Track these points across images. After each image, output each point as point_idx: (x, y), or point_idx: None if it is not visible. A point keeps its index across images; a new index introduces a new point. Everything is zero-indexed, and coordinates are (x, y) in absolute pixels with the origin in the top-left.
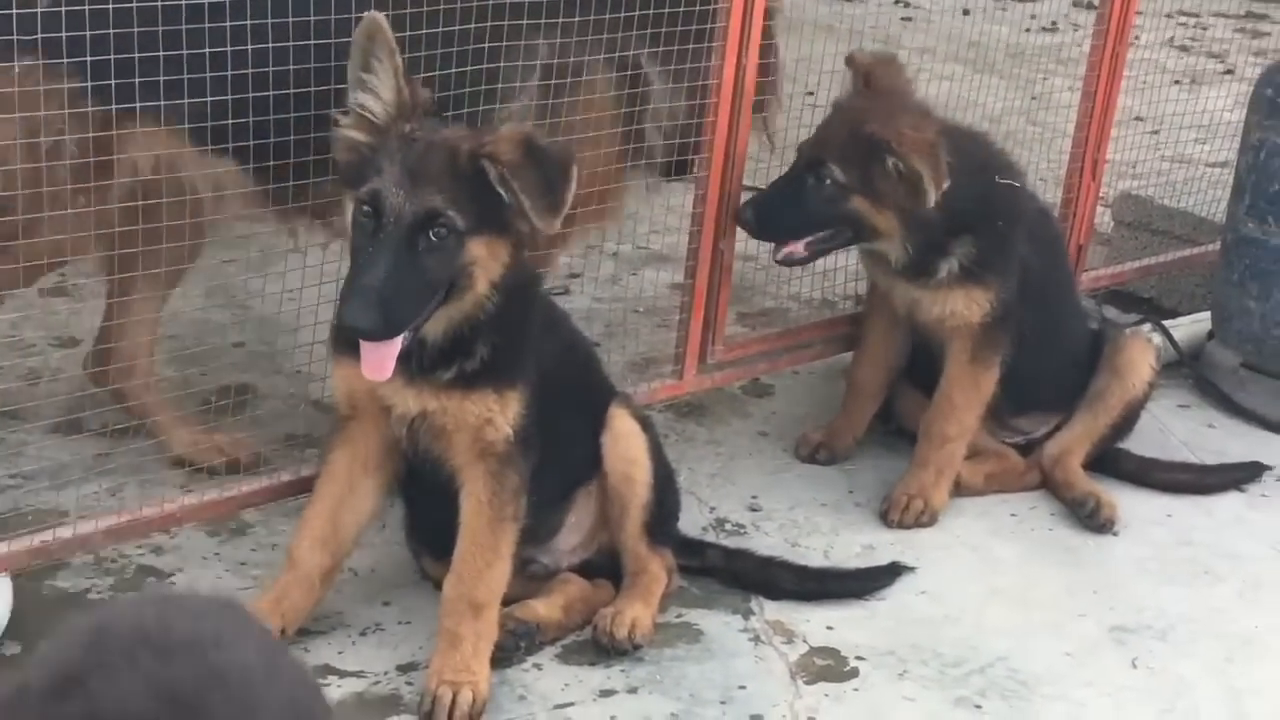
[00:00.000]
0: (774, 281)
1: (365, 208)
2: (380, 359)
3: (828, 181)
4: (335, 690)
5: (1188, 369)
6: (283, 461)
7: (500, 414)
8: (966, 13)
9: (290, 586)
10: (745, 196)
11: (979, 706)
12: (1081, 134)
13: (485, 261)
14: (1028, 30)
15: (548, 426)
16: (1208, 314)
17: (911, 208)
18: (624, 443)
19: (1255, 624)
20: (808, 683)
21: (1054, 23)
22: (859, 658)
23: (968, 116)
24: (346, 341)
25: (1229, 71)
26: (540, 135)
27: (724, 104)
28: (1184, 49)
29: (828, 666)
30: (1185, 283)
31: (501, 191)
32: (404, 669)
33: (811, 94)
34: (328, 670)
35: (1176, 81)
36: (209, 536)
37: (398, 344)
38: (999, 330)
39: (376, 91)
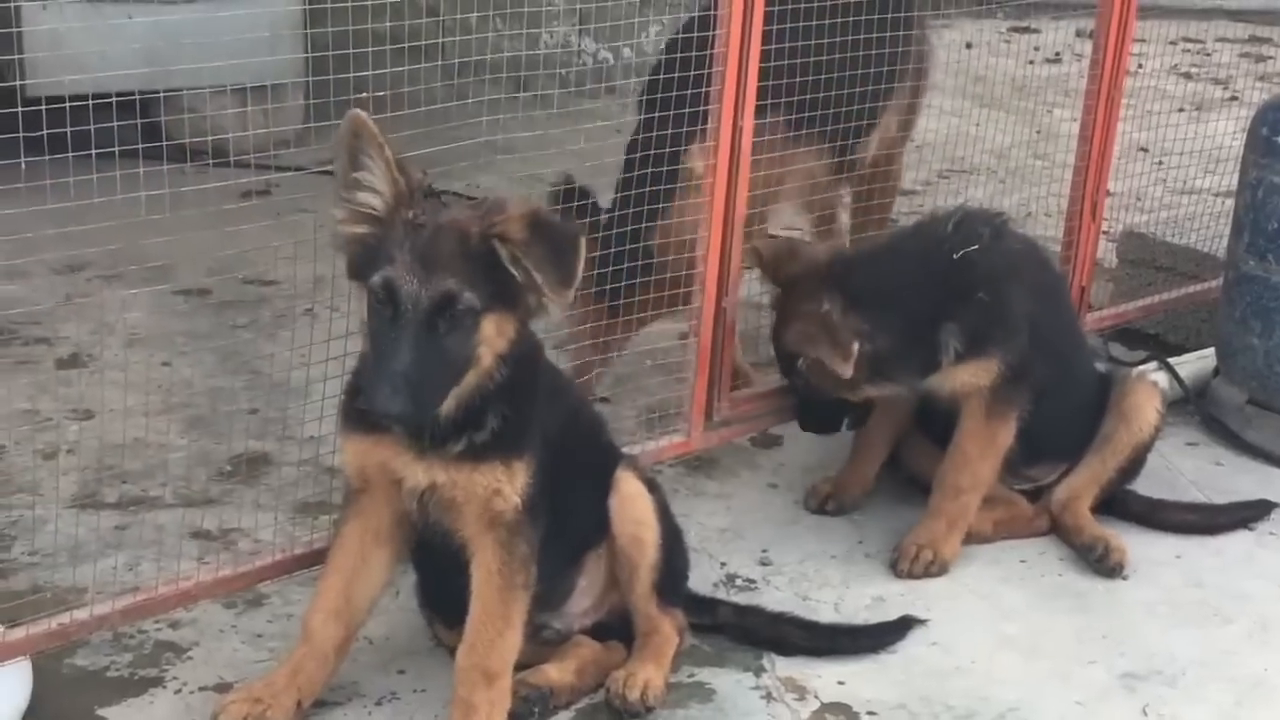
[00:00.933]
0: None
1: (380, 295)
2: None
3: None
4: None
5: (1194, 406)
6: (297, 531)
7: (508, 484)
8: (969, 46)
9: (305, 659)
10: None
11: None
12: (1080, 175)
13: (492, 338)
14: (1031, 62)
15: (556, 492)
16: (1212, 351)
17: (845, 375)
18: (631, 505)
19: (1264, 665)
20: None
21: (1058, 53)
22: (870, 713)
23: (973, 151)
24: (357, 417)
25: (1234, 98)
26: (546, 211)
27: (721, 161)
28: (1187, 76)
29: None
30: (1191, 319)
31: (514, 271)
32: None
33: None
34: None
35: (1180, 109)
36: (225, 609)
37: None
38: (1014, 388)
39: (372, 186)
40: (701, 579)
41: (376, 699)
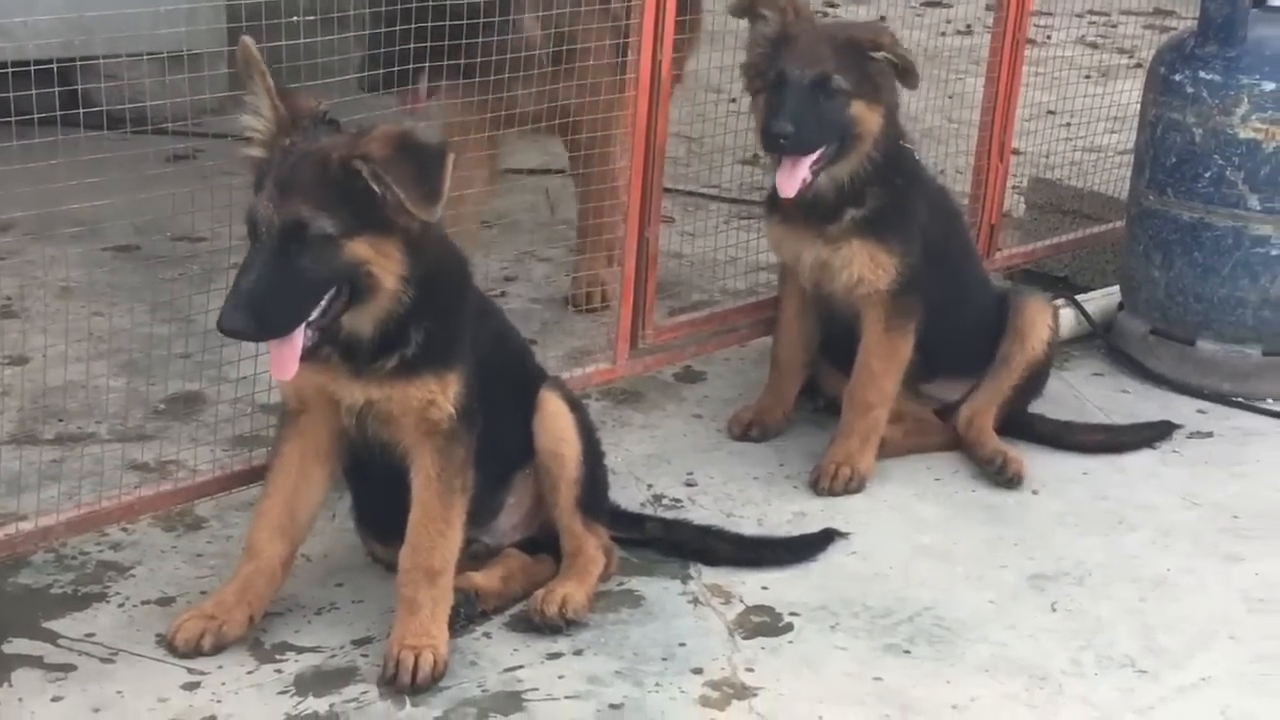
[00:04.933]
0: (703, 276)
1: (247, 222)
2: (282, 358)
3: (836, 92)
4: (293, 665)
5: (1101, 340)
6: (234, 464)
7: (441, 394)
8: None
9: (253, 575)
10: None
11: (908, 651)
12: (988, 117)
13: (377, 260)
14: (943, 34)
15: (485, 413)
16: (1117, 288)
17: (894, 102)
18: (553, 422)
19: (1167, 567)
20: (745, 638)
21: (968, 26)
22: (793, 613)
23: None
24: None
25: (1139, 65)
26: (417, 131)
27: (642, 95)
28: (1093, 46)
29: (764, 623)
30: (1096, 260)
31: (376, 188)
32: (359, 643)
33: (734, 101)
34: (285, 648)
35: (1087, 76)
36: (165, 532)
37: (297, 344)
38: (908, 297)
39: (258, 111)
40: (629, 500)
41: (316, 609)
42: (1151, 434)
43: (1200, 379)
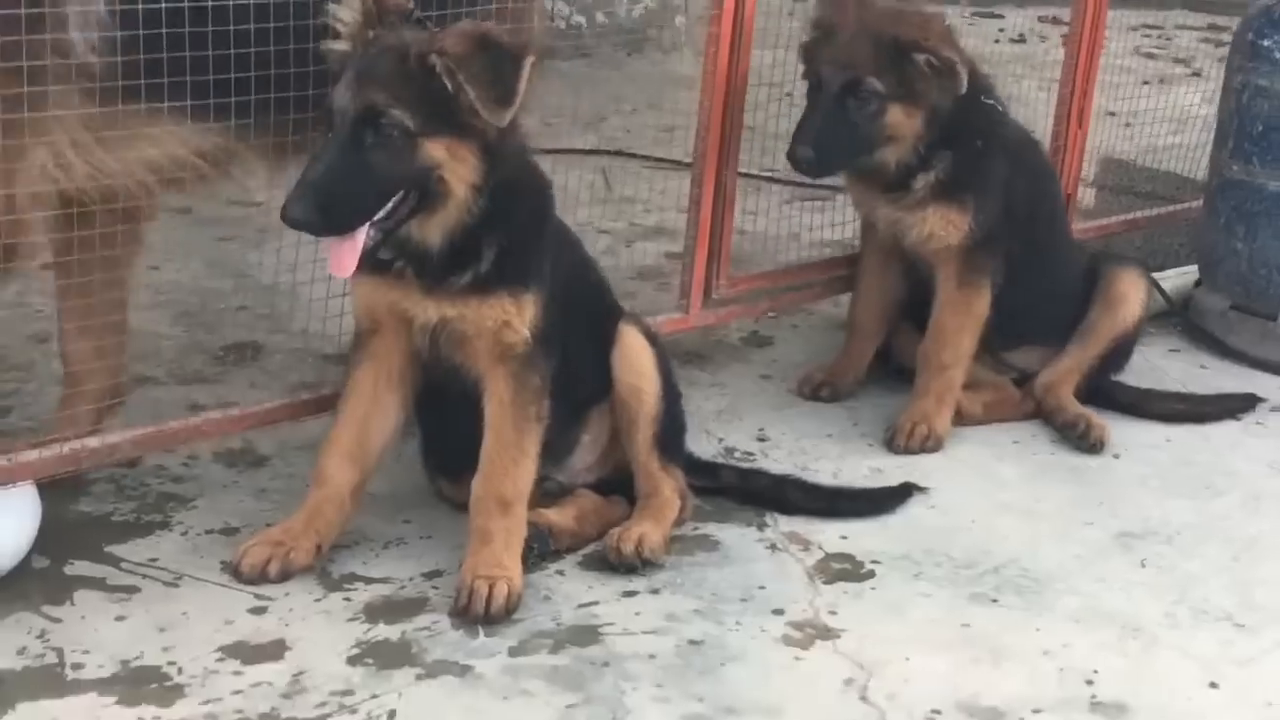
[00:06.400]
0: (764, 252)
1: (323, 114)
2: (341, 255)
3: (869, 97)
4: (362, 594)
5: (1177, 317)
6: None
7: (516, 316)
8: None
9: (323, 503)
10: None
11: (995, 600)
12: (1067, 88)
13: (450, 164)
14: (997, 41)
15: (563, 344)
16: (1194, 267)
17: (939, 102)
18: (633, 357)
19: (1259, 529)
20: (826, 583)
21: (1021, 35)
22: (874, 561)
23: None
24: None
25: (1196, 74)
26: (499, 30)
27: (725, 31)
28: (1150, 56)
29: (844, 569)
30: (1169, 241)
31: (449, 85)
32: (429, 575)
33: (789, 94)
34: (354, 578)
35: (1145, 82)
36: (226, 468)
37: (358, 242)
38: (984, 253)
39: (348, 2)
40: (700, 452)
41: (384, 543)
42: (1235, 405)
43: None
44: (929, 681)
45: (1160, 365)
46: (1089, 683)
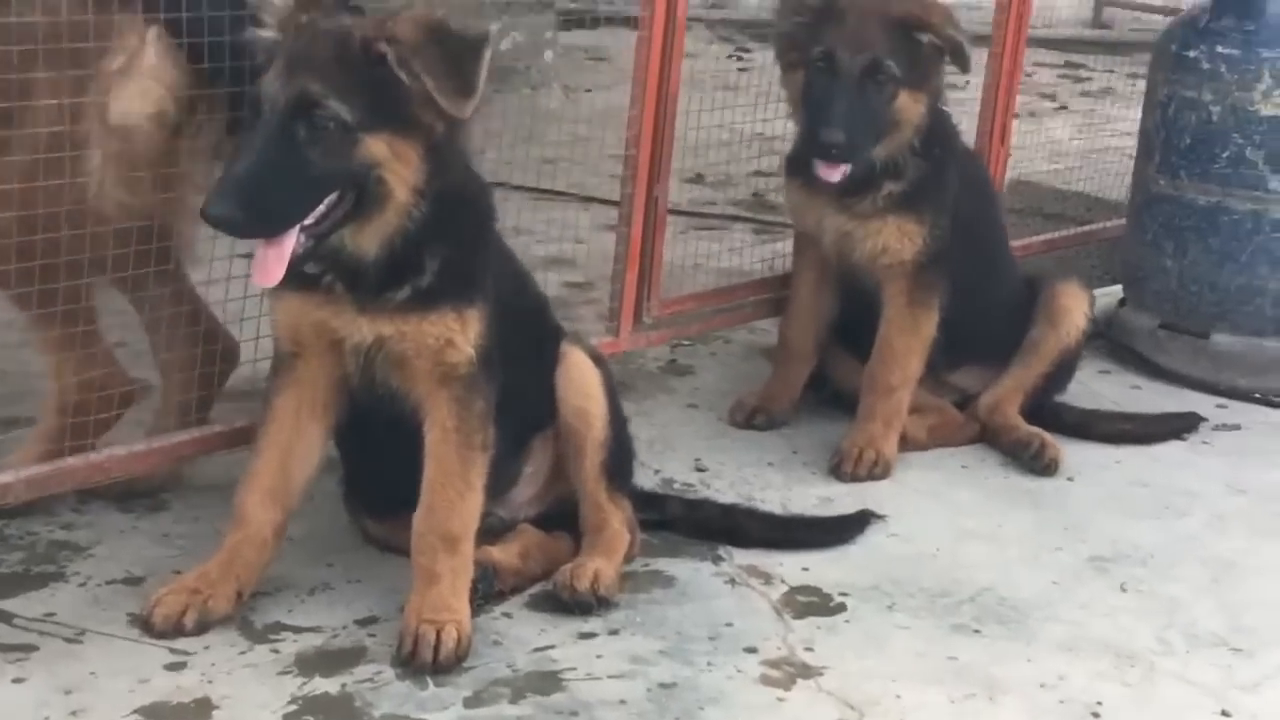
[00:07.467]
0: (673, 280)
1: (248, 103)
2: (267, 262)
3: (885, 80)
4: (291, 645)
5: (1102, 338)
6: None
7: (460, 333)
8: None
9: (242, 545)
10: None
11: (978, 631)
12: (989, 106)
13: (391, 164)
14: None
15: (504, 366)
16: (1117, 287)
17: (940, 86)
18: (579, 378)
19: (1231, 548)
20: (796, 617)
21: None
22: (843, 593)
23: None
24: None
25: (1063, 107)
26: (450, 19)
27: (655, 41)
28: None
29: (813, 603)
30: (1082, 264)
31: (402, 74)
32: (363, 622)
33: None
34: (280, 627)
35: (1015, 115)
36: (122, 512)
37: (286, 248)
38: (934, 271)
39: None
40: (637, 485)
41: (308, 589)
42: (1179, 425)
43: (1215, 374)
44: (926, 719)
45: (1092, 387)
46: (1095, 715)
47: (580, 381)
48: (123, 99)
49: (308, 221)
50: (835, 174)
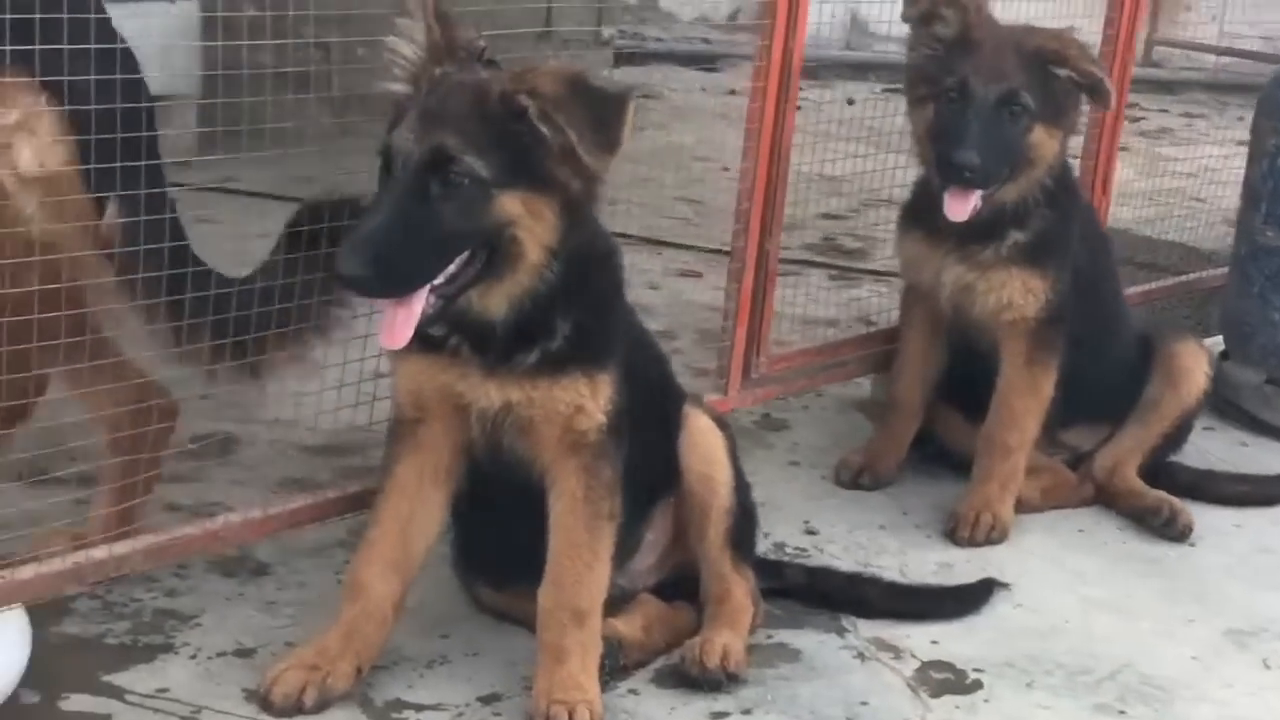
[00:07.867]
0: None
1: (381, 158)
2: (395, 324)
3: (1021, 112)
4: None
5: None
6: (284, 499)
7: (591, 400)
8: (851, 102)
9: (361, 619)
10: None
11: (1123, 712)
12: (1091, 151)
13: (526, 222)
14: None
15: (629, 430)
16: (1216, 338)
17: (1075, 124)
18: (703, 443)
19: None
20: (932, 696)
21: None
22: (977, 669)
23: (886, 183)
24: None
25: (1123, 148)
26: (590, 73)
27: (771, 90)
28: None
29: (947, 679)
30: (1175, 315)
31: (544, 129)
32: (487, 700)
33: (726, 169)
34: (401, 705)
35: (1074, 156)
36: (225, 578)
37: (416, 309)
38: (1055, 329)
39: (410, 35)
40: None
41: (426, 662)
42: None
43: None
44: None
45: (1198, 444)
46: None
47: (705, 447)
48: (27, 152)
49: (438, 281)
50: (966, 206)
